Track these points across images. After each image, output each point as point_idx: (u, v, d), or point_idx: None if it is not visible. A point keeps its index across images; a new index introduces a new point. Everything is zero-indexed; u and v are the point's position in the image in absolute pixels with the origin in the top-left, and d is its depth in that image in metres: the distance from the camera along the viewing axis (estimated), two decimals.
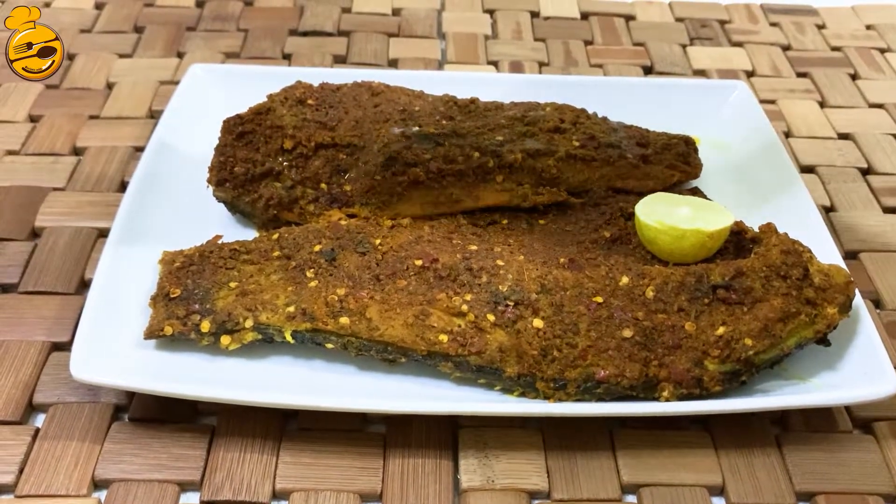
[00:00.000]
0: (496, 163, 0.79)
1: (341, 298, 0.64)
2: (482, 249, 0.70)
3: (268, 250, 0.72)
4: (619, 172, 0.82)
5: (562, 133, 0.84)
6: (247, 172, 0.78)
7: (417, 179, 0.78)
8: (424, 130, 0.83)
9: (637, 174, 0.83)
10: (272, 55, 1.07)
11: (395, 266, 0.68)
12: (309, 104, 0.86)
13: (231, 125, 0.80)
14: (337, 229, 0.73)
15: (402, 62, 1.07)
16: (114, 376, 0.60)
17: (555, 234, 0.76)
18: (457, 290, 0.66)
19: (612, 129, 0.86)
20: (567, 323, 0.62)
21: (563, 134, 0.84)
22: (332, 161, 0.79)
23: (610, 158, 0.82)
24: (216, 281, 0.69)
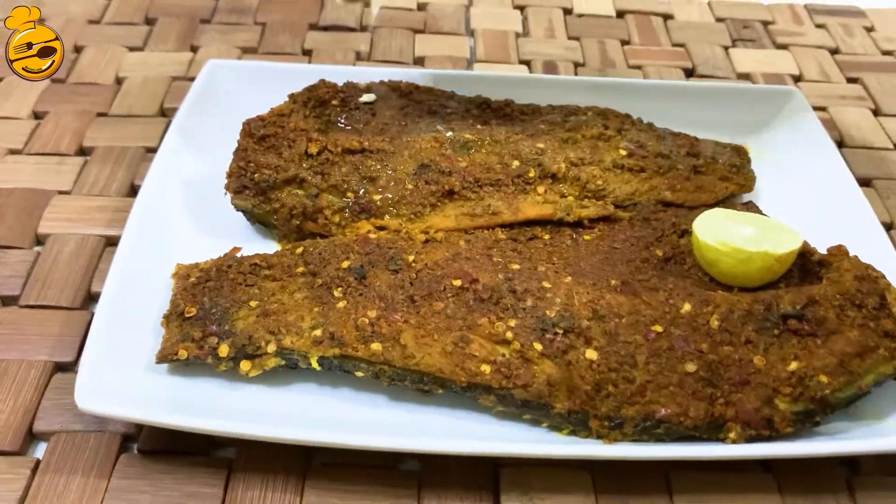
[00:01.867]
0: (538, 172, 0.74)
1: (372, 322, 0.58)
2: (525, 269, 0.64)
3: (291, 266, 0.66)
4: (670, 184, 0.76)
5: (606, 140, 0.78)
6: (268, 179, 0.72)
7: (452, 189, 0.72)
8: (459, 135, 0.77)
9: (688, 186, 0.76)
10: (291, 51, 1.02)
11: (431, 286, 0.62)
12: (333, 105, 0.80)
13: (251, 127, 0.74)
14: (366, 243, 0.67)
15: (429, 60, 1.01)
16: (122, 406, 0.55)
17: (602, 251, 0.70)
18: (499, 314, 0.60)
19: (660, 137, 0.80)
20: (623, 354, 0.56)
21: (607, 141, 0.78)
22: (360, 168, 0.73)
23: (660, 169, 0.76)
24: (235, 299, 0.63)
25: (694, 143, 0.81)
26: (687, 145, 0.80)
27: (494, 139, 0.77)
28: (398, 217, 0.72)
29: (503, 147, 0.76)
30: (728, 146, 0.82)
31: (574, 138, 0.77)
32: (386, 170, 0.73)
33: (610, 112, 0.83)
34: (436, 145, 0.76)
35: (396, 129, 0.79)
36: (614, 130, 0.79)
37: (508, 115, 0.83)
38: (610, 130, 0.79)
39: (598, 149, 0.76)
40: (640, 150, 0.77)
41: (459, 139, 0.76)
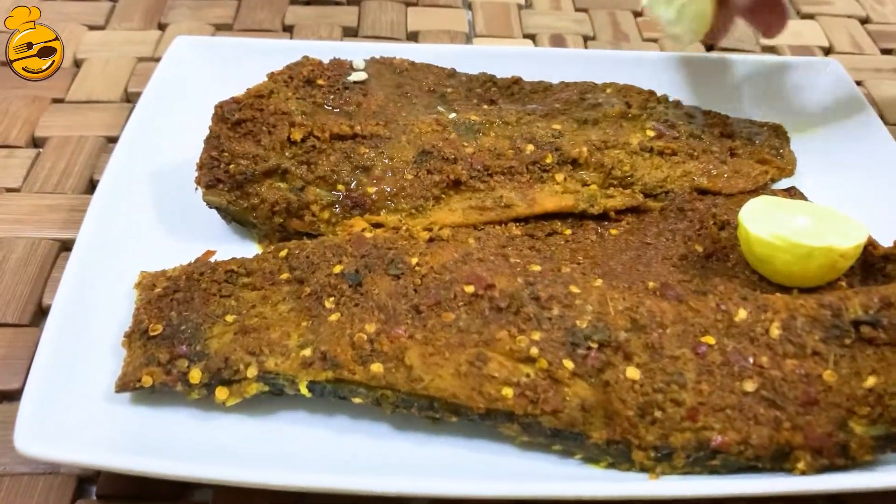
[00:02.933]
0: (556, 157, 0.64)
1: (372, 338, 0.50)
2: (547, 270, 0.55)
3: (274, 272, 0.57)
4: (705, 169, 0.67)
5: (631, 120, 0.68)
6: (245, 171, 0.62)
7: (458, 179, 0.63)
8: (464, 117, 0.68)
9: (725, 171, 0.67)
10: (271, 27, 0.93)
11: (439, 293, 0.53)
12: (319, 85, 0.70)
13: (225, 111, 0.65)
14: (361, 244, 0.57)
15: (424, 35, 0.92)
16: (74, 448, 0.47)
17: (633, 248, 0.61)
18: (521, 326, 0.51)
19: (689, 116, 0.71)
20: (670, 372, 0.47)
21: (632, 121, 0.68)
22: (352, 156, 0.64)
23: (693, 152, 0.67)
24: (208, 313, 0.54)
25: (726, 122, 0.72)
26: (719, 125, 0.71)
27: (504, 121, 0.67)
28: (397, 212, 0.63)
29: (515, 129, 0.67)
30: (764, 125, 0.73)
31: (594, 118, 0.68)
32: (381, 158, 0.64)
33: (631, 89, 0.73)
34: (438, 129, 0.66)
35: (392, 111, 0.69)
36: (638, 108, 0.70)
37: (517, 94, 0.74)
38: (634, 109, 0.70)
39: (622, 130, 0.67)
40: (669, 131, 0.67)
41: (464, 121, 0.67)
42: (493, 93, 0.74)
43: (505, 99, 0.73)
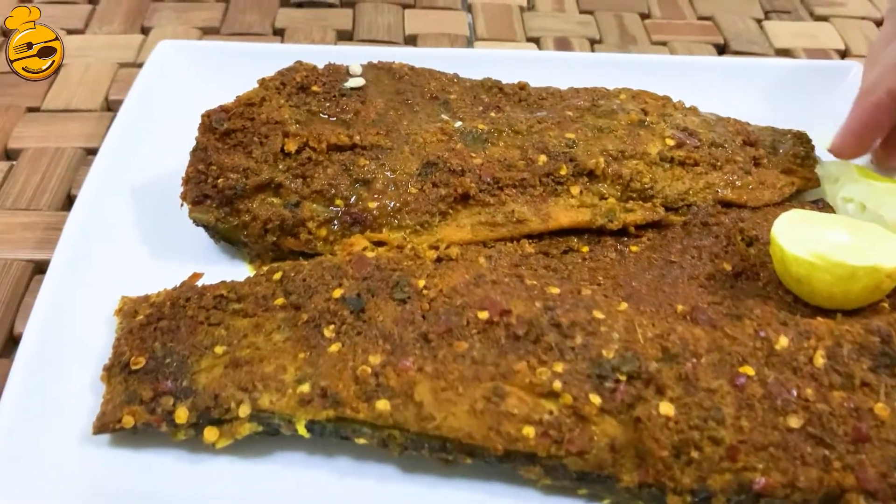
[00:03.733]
0: (570, 169, 0.60)
1: (377, 371, 0.45)
2: (567, 293, 0.51)
3: (267, 297, 0.52)
4: (729, 180, 0.62)
5: (648, 128, 0.64)
6: (235, 185, 0.57)
7: (466, 192, 0.58)
8: (470, 125, 0.63)
9: (749, 182, 0.63)
10: (260, 31, 0.88)
11: (450, 320, 0.48)
12: (314, 91, 0.65)
13: (212, 121, 0.60)
14: (362, 265, 0.53)
15: (423, 39, 0.87)
16: (48, 497, 0.42)
17: (657, 266, 0.57)
18: (542, 356, 0.46)
19: (708, 123, 0.67)
20: (707, 407, 0.43)
21: (649, 129, 0.64)
22: (351, 168, 0.59)
23: (716, 162, 0.63)
24: (196, 344, 0.49)
25: (748, 130, 0.68)
26: (741, 133, 0.67)
27: (514, 129, 0.63)
28: (400, 229, 0.58)
29: (525, 139, 0.62)
30: (787, 133, 0.69)
31: (609, 126, 0.64)
32: (383, 170, 0.59)
33: (646, 94, 0.69)
34: (443, 138, 0.62)
35: (392, 120, 0.65)
36: (655, 116, 0.66)
37: (525, 101, 0.69)
38: (650, 116, 0.65)
39: (639, 138, 0.63)
40: (690, 139, 0.63)
41: (471, 130, 0.63)
42: (499, 99, 0.69)
43: (512, 105, 0.69)
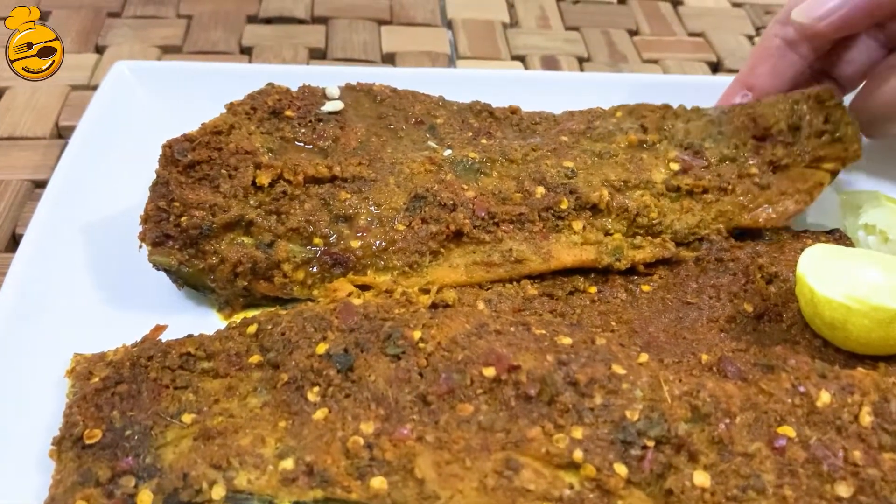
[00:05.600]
0: (572, 202, 0.55)
1: (370, 442, 0.40)
2: (580, 343, 0.45)
3: (241, 353, 0.46)
4: (742, 203, 0.57)
5: (650, 149, 0.59)
6: (200, 224, 0.51)
7: (460, 230, 0.53)
8: (461, 154, 0.58)
9: (767, 197, 0.58)
10: (226, 49, 0.83)
11: (452, 379, 0.43)
12: (287, 117, 0.60)
13: (175, 151, 0.54)
14: (349, 314, 0.47)
15: (402, 57, 0.82)
16: None
17: (672, 308, 0.52)
18: (558, 420, 0.41)
19: (713, 124, 0.60)
20: (745, 475, 0.39)
21: (652, 150, 0.59)
22: (330, 203, 0.54)
23: (727, 185, 0.57)
24: (160, 412, 0.44)
25: (755, 118, 0.60)
26: (748, 124, 0.59)
27: (508, 158, 0.57)
28: (387, 271, 0.52)
29: (521, 168, 0.57)
30: (805, 99, 0.59)
31: (608, 151, 0.58)
32: (366, 204, 0.54)
33: (644, 108, 0.64)
34: (431, 168, 0.56)
35: (375, 147, 0.59)
36: (655, 131, 0.60)
37: (516, 125, 0.64)
38: (650, 134, 0.60)
39: (642, 163, 0.57)
40: (696, 160, 0.58)
41: (462, 159, 0.57)
42: (489, 124, 0.64)
43: (504, 130, 0.63)
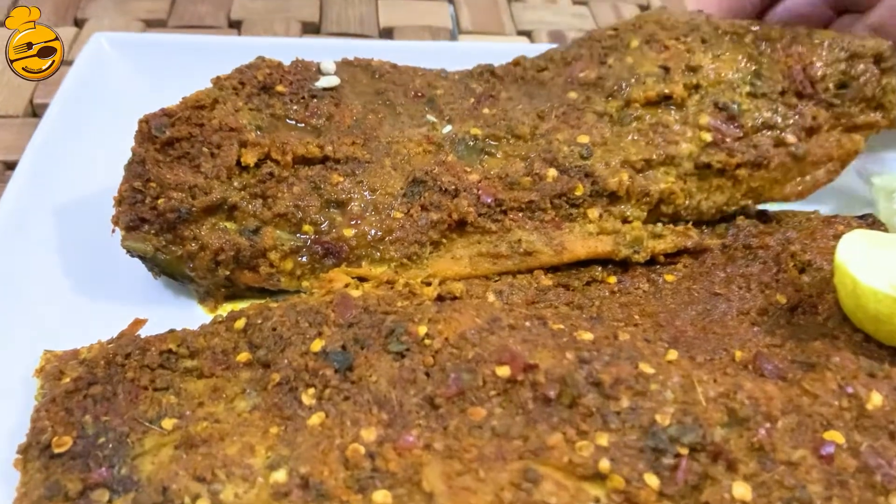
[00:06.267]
0: (587, 188, 0.50)
1: (372, 450, 0.37)
2: (602, 339, 0.41)
3: (228, 351, 0.42)
4: (777, 176, 0.52)
5: (678, 109, 0.53)
6: (178, 207, 0.47)
7: (464, 219, 0.48)
8: (462, 130, 0.53)
9: (802, 168, 0.53)
10: (214, 23, 0.79)
11: (462, 379, 0.39)
12: (279, 92, 0.55)
13: (152, 127, 0.49)
14: (347, 307, 0.43)
15: (400, 31, 0.77)
16: None
17: (699, 300, 0.48)
18: (581, 425, 0.37)
19: (752, 60, 0.55)
20: (789, 486, 0.35)
21: (678, 113, 0.53)
22: (322, 186, 0.49)
23: (763, 158, 0.52)
24: (138, 417, 0.40)
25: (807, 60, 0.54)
26: (796, 72, 0.52)
27: (514, 133, 0.53)
28: (383, 262, 0.48)
29: (529, 146, 0.52)
30: (862, 51, 0.55)
31: (628, 116, 0.52)
32: (360, 189, 0.49)
33: (649, 18, 0.58)
34: (430, 148, 0.52)
35: (371, 125, 0.54)
36: (679, 74, 0.53)
37: (522, 78, 0.59)
38: (674, 82, 0.53)
39: (667, 135, 0.52)
40: (730, 128, 0.52)
41: (463, 136, 0.53)
42: (492, 86, 0.59)
43: (507, 89, 0.58)
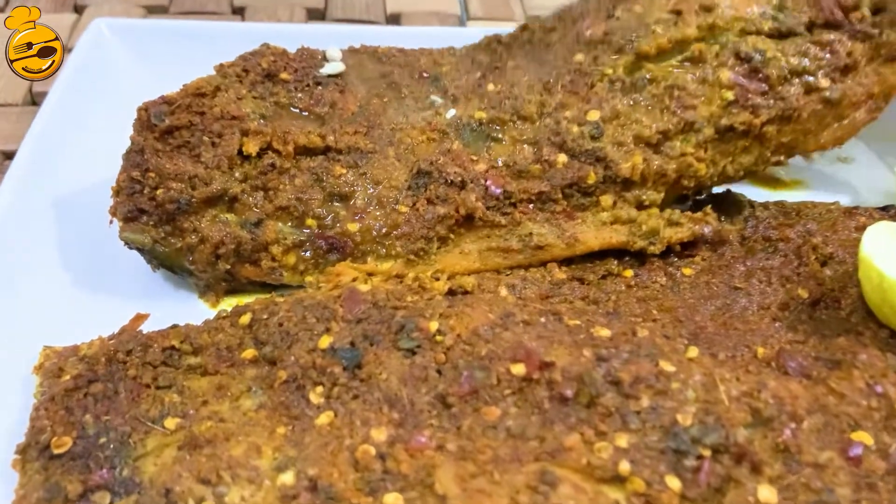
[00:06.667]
0: (600, 175, 0.48)
1: (383, 451, 0.35)
2: (620, 335, 0.40)
3: (233, 347, 0.41)
4: (810, 127, 0.51)
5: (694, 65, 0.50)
6: (178, 198, 0.45)
7: (471, 213, 0.46)
8: (466, 113, 0.51)
9: (838, 112, 0.51)
10: (216, 9, 0.78)
11: (475, 377, 0.38)
12: (283, 80, 0.53)
13: (151, 115, 0.48)
14: (355, 302, 0.41)
15: (408, 18, 0.76)
16: None
17: (719, 295, 0.46)
18: (599, 425, 0.36)
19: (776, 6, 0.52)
20: (815, 489, 0.35)
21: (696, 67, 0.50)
22: (324, 178, 0.48)
23: (792, 110, 0.49)
24: (140, 416, 0.39)
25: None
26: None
27: (521, 114, 0.50)
28: (389, 258, 0.46)
29: (537, 127, 0.50)
30: None
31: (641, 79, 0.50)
32: (364, 181, 0.48)
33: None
34: (434, 136, 0.50)
35: (375, 110, 0.53)
36: (692, 14, 0.50)
37: (530, 42, 0.56)
38: (689, 27, 0.50)
39: (685, 98, 0.49)
40: (752, 82, 0.50)
41: (468, 121, 0.50)
42: (499, 55, 0.57)
43: (514, 56, 0.56)
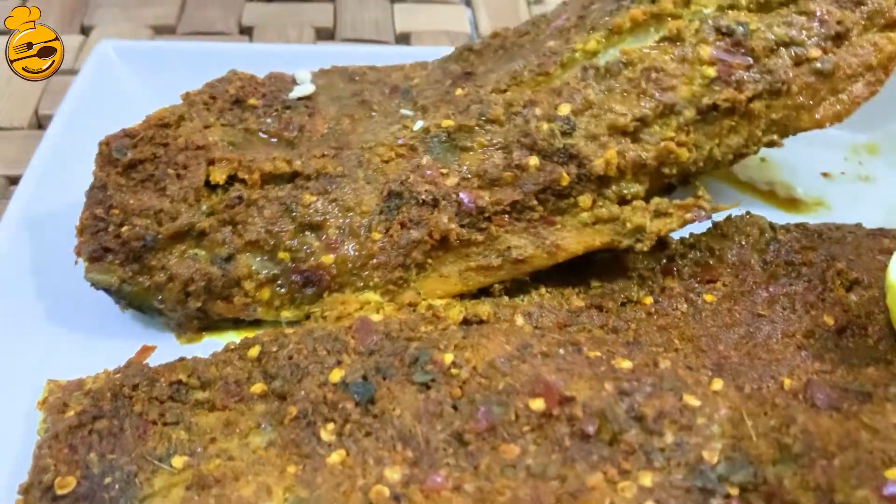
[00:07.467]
0: (573, 174, 0.46)
1: (397, 492, 0.35)
2: (642, 367, 0.39)
3: (241, 382, 0.40)
4: (803, 101, 0.48)
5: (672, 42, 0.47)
6: (144, 235, 0.44)
7: (445, 236, 0.45)
8: (433, 122, 0.48)
9: (833, 84, 0.49)
10: (224, 29, 0.77)
11: (492, 413, 0.36)
12: (251, 106, 0.52)
13: (112, 149, 0.47)
14: (366, 332, 0.40)
15: (418, 37, 0.75)
16: None
17: (742, 322, 0.45)
18: (622, 464, 0.35)
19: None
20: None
21: (674, 44, 0.48)
22: (293, 208, 0.46)
23: (780, 83, 0.47)
24: (146, 454, 0.38)
25: None
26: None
27: (487, 117, 0.47)
28: (367, 289, 0.45)
29: (505, 130, 0.47)
30: None
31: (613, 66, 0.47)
32: (335, 208, 0.46)
33: None
34: (403, 151, 0.47)
35: (345, 130, 0.51)
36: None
37: (502, 48, 0.55)
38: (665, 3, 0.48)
39: (663, 78, 0.47)
40: (737, 57, 0.47)
41: (435, 131, 0.48)
42: (470, 61, 0.55)
43: (486, 62, 0.54)
